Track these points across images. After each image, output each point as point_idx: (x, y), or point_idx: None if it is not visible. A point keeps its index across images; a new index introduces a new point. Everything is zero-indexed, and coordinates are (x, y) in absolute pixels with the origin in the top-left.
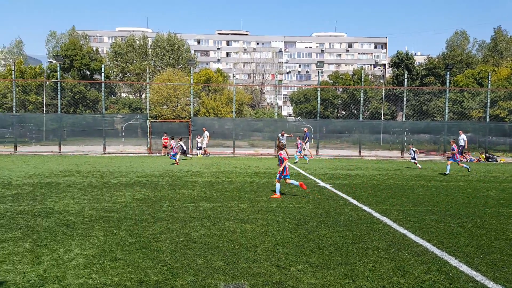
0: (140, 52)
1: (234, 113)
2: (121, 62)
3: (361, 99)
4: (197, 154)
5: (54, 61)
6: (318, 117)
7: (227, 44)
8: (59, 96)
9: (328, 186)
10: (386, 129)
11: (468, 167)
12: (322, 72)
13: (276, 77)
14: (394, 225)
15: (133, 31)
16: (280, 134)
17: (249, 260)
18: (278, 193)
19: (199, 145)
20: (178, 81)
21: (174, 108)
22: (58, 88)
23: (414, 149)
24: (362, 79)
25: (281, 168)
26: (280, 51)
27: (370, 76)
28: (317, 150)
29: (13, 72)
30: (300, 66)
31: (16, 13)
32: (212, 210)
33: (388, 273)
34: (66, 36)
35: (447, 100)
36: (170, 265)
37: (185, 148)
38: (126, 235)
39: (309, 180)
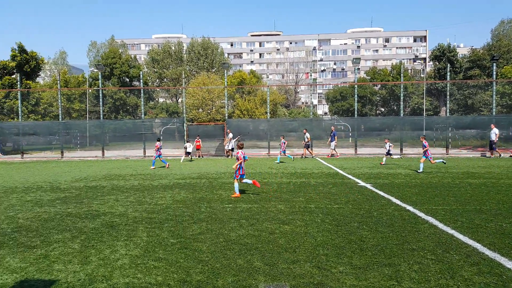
0: (176, 58)
1: (268, 113)
2: (158, 68)
3: (401, 95)
4: (230, 156)
5: (95, 70)
6: (356, 115)
7: (260, 45)
8: (101, 103)
9: (368, 186)
10: (429, 125)
11: (443, 161)
12: (358, 69)
13: (311, 75)
14: (441, 225)
15: (169, 37)
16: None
17: (289, 261)
18: (238, 192)
19: (230, 146)
20: (213, 84)
21: (209, 111)
22: (100, 95)
23: (390, 144)
24: (402, 74)
25: (234, 166)
26: (314, 50)
27: (409, 70)
28: (356, 149)
29: (58, 82)
30: (335, 64)
31: (59, 26)
32: (249, 211)
33: (435, 275)
34: (106, 46)
35: (494, 93)
36: (211, 265)
37: (189, 150)
38: (168, 236)
39: (348, 180)
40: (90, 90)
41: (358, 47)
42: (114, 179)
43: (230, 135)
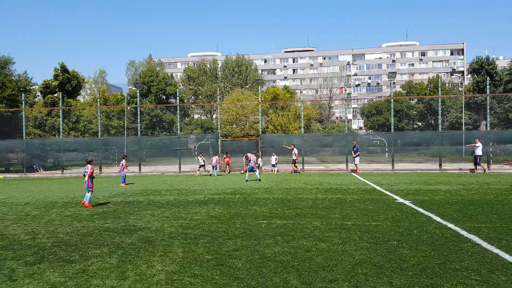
0: (211, 75)
1: (302, 128)
2: (193, 85)
3: (439, 109)
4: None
5: (133, 88)
6: (392, 130)
7: (294, 61)
8: (138, 120)
9: (407, 203)
10: (468, 140)
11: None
12: (394, 83)
13: (345, 90)
14: (484, 244)
15: (204, 55)
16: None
17: (326, 280)
18: (87, 203)
19: (272, 162)
20: (247, 100)
21: (243, 127)
22: (138, 112)
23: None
24: (439, 88)
25: (86, 179)
26: (348, 64)
27: (447, 84)
28: (393, 164)
29: (98, 100)
30: (370, 78)
31: (99, 46)
32: (284, 227)
33: None
34: (143, 64)
35: None
36: (246, 283)
37: (203, 163)
38: (203, 252)
39: (386, 196)
40: (128, 108)
41: (393, 61)
42: (150, 194)
43: (295, 150)
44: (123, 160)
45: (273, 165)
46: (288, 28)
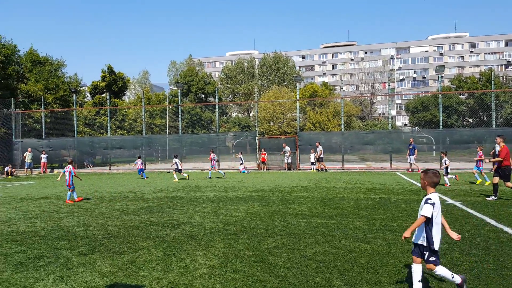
0: (248, 73)
1: (342, 126)
2: (231, 84)
3: (493, 104)
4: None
5: (174, 88)
6: (441, 126)
7: (333, 57)
8: (179, 119)
9: (458, 204)
10: None
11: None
12: (442, 77)
13: (389, 85)
14: None
15: (242, 54)
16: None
17: (370, 282)
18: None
19: (312, 160)
20: (284, 97)
21: (280, 124)
22: (179, 111)
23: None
24: (493, 82)
25: (68, 178)
26: (391, 58)
27: (501, 78)
28: (441, 163)
29: (142, 99)
30: (415, 72)
31: (143, 48)
32: (325, 226)
33: None
34: (184, 65)
35: None
36: (288, 281)
37: (180, 167)
38: (243, 248)
39: None
40: (170, 107)
41: (441, 54)
42: (191, 190)
43: (287, 148)
44: (138, 159)
45: (312, 163)
46: (326, 23)
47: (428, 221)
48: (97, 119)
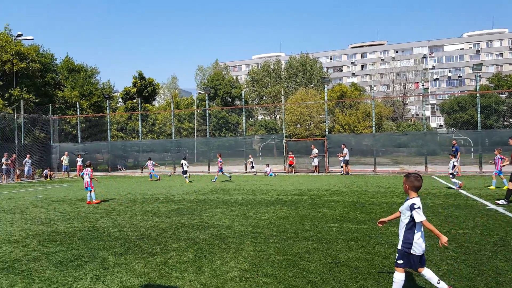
0: (274, 76)
1: (373, 127)
2: (257, 87)
3: None
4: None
5: (202, 92)
6: (479, 127)
7: (362, 57)
8: (207, 122)
9: (500, 210)
10: None
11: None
12: (479, 76)
13: (422, 85)
14: None
15: (268, 57)
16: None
17: None
18: (94, 200)
19: (316, 162)
20: (311, 99)
21: (307, 127)
22: (207, 115)
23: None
24: None
25: (87, 180)
26: (424, 57)
27: None
28: (480, 166)
29: (171, 104)
30: (450, 71)
31: (171, 53)
32: (358, 232)
33: None
34: (211, 69)
35: None
36: (320, 287)
37: (186, 169)
38: (274, 252)
39: (474, 202)
40: (198, 111)
41: (478, 51)
42: (219, 193)
43: (315, 151)
44: (149, 161)
45: (341, 167)
46: (355, 22)
47: (415, 225)
48: (129, 123)
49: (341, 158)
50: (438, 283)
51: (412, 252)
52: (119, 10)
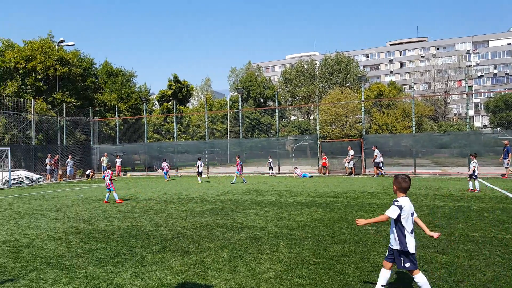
0: (308, 76)
1: (413, 127)
2: (291, 87)
3: None
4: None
5: (235, 93)
6: None
7: (401, 54)
8: (240, 123)
9: None
10: None
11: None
12: None
13: (466, 83)
14: None
15: (301, 56)
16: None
17: None
18: (118, 199)
19: (379, 165)
20: (347, 99)
21: (342, 127)
22: (240, 116)
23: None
24: None
25: (107, 182)
26: (467, 54)
27: None
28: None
29: (205, 106)
30: (495, 68)
31: (205, 56)
32: None
33: None
34: (243, 70)
35: None
36: None
37: (201, 170)
38: (309, 254)
39: None
40: (231, 112)
41: None
42: (253, 194)
43: (351, 152)
44: (164, 162)
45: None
46: (393, 19)
47: (395, 224)
48: (164, 125)
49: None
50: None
51: (410, 249)
52: (154, 15)
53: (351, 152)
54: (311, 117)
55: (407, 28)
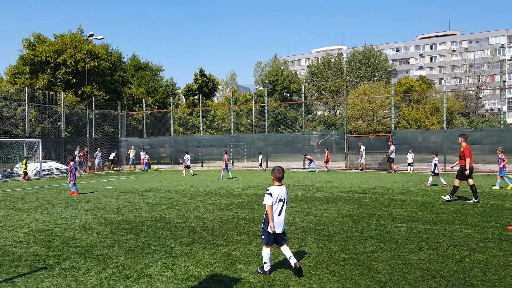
0: (335, 70)
1: (444, 123)
2: (317, 81)
3: None
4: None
5: (260, 88)
6: None
7: (431, 48)
8: (265, 118)
9: None
10: None
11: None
12: None
13: (501, 77)
14: None
15: (328, 50)
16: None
17: None
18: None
19: (409, 161)
20: (375, 94)
21: (370, 122)
22: (265, 110)
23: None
24: None
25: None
26: (501, 48)
27: None
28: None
29: (231, 100)
30: None
31: (231, 50)
32: (428, 233)
33: None
34: (269, 64)
35: None
36: (390, 287)
37: (188, 163)
38: (338, 250)
39: None
40: (256, 106)
41: None
42: None
43: (362, 147)
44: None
45: (409, 164)
46: (423, 12)
47: (270, 208)
48: (190, 119)
49: (410, 155)
50: (290, 258)
51: (268, 229)
52: (179, 8)
53: (363, 148)
54: (337, 112)
55: (438, 21)
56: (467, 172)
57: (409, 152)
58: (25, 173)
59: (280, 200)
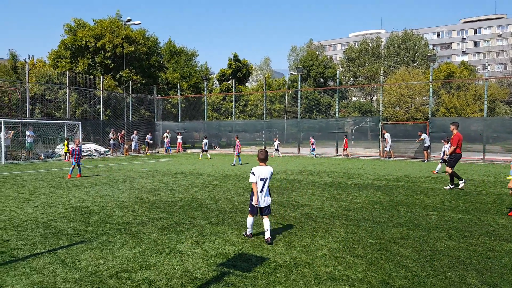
0: (373, 54)
1: (485, 111)
2: (353, 66)
3: None
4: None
5: (294, 73)
6: None
7: (475, 33)
8: (298, 104)
9: None
10: None
11: None
12: None
13: None
14: None
15: (366, 34)
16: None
17: None
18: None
19: (441, 155)
20: (413, 79)
21: (407, 109)
22: (298, 96)
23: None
24: None
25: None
26: None
27: None
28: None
29: (264, 85)
30: None
31: (265, 35)
32: (460, 221)
33: None
34: (304, 49)
35: None
36: (415, 272)
37: (206, 148)
38: (365, 235)
39: None
40: (290, 92)
41: None
42: (309, 174)
43: (387, 135)
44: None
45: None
46: None
47: (254, 185)
48: (223, 104)
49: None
50: (266, 231)
51: (253, 202)
52: None
53: (387, 135)
54: (374, 98)
55: (484, 4)
56: (445, 157)
57: (443, 145)
58: (66, 154)
59: (261, 179)
